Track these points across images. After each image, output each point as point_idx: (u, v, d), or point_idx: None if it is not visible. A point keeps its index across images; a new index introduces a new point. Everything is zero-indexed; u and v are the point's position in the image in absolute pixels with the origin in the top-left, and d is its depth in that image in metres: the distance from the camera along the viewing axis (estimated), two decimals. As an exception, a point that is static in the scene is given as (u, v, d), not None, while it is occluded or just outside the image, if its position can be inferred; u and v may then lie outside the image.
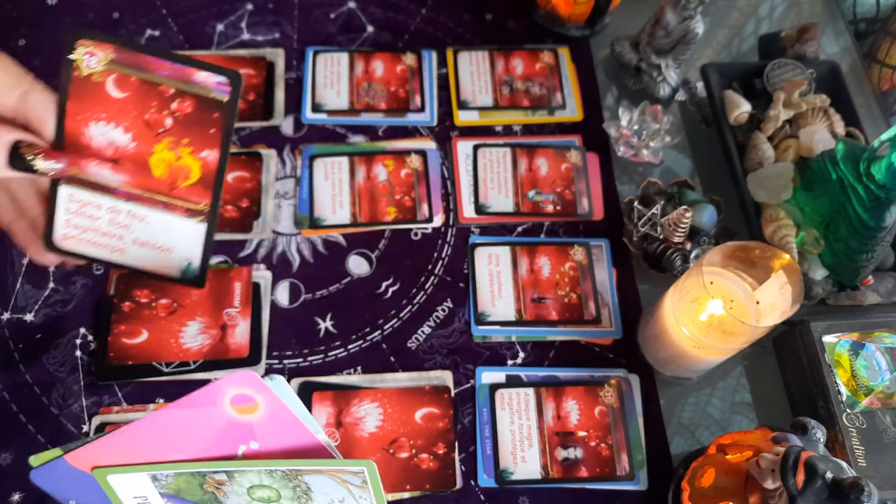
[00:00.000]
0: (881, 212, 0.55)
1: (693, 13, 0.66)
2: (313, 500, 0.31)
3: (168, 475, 0.31)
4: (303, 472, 0.30)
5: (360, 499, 0.31)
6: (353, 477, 0.30)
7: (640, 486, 0.55)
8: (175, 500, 0.32)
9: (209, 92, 0.29)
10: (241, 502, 0.32)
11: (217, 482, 0.31)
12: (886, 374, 0.55)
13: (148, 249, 0.32)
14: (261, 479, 0.31)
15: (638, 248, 0.63)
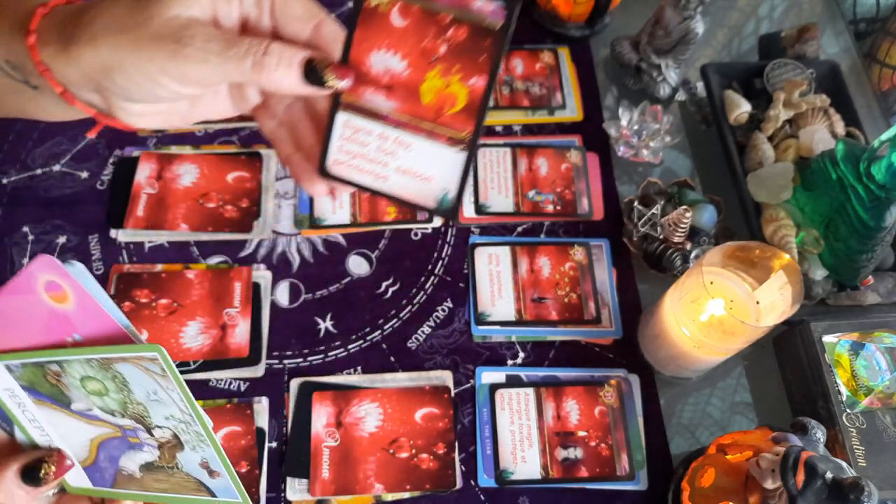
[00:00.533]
0: (881, 212, 0.55)
1: (693, 13, 0.66)
2: (133, 392, 0.33)
3: (17, 365, 0.34)
4: (111, 361, 0.32)
5: (167, 390, 0.32)
6: (153, 365, 0.31)
7: (640, 486, 0.55)
8: (34, 393, 0.35)
9: (484, 19, 0.30)
10: (81, 396, 0.34)
11: (55, 374, 0.33)
12: (886, 374, 0.55)
13: (409, 178, 0.33)
14: (85, 371, 0.33)
15: (638, 248, 0.63)
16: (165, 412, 0.34)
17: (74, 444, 0.37)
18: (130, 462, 0.36)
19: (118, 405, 0.34)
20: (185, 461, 0.35)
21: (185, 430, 0.34)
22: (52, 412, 0.35)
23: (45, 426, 0.37)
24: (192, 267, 0.61)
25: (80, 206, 0.64)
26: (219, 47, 0.30)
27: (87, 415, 0.35)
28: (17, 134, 0.67)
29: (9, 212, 0.63)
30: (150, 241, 0.63)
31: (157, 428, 0.35)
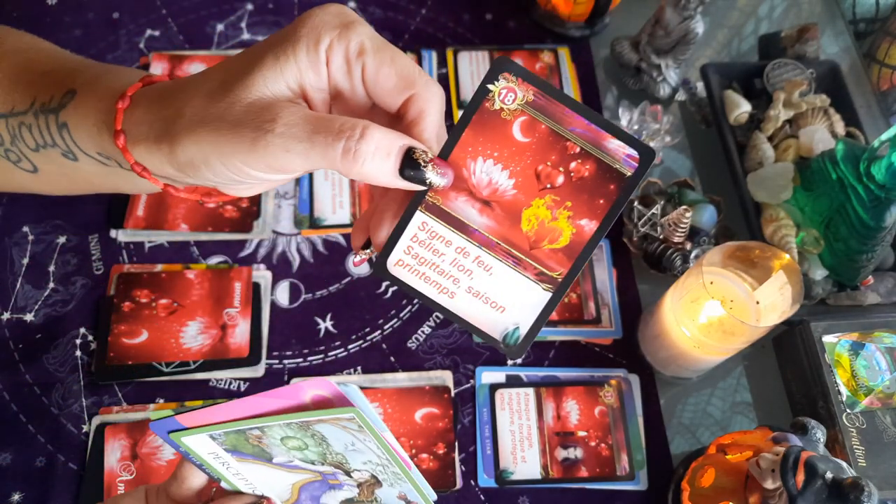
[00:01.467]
0: (881, 212, 0.55)
1: (693, 13, 0.66)
2: (332, 446, 0.33)
3: (220, 434, 0.33)
4: (310, 423, 0.31)
5: (365, 441, 0.32)
6: (350, 423, 0.31)
7: (640, 485, 0.55)
8: (237, 454, 0.35)
9: (615, 161, 0.28)
10: (282, 451, 0.34)
11: (256, 437, 0.33)
12: (886, 374, 0.55)
13: (480, 302, 0.30)
14: (284, 432, 0.32)
15: (638, 248, 0.63)
16: (363, 458, 0.33)
17: (277, 488, 0.37)
18: (332, 500, 0.37)
19: (317, 456, 0.34)
20: (383, 496, 0.36)
21: (382, 472, 0.33)
22: (255, 466, 0.35)
23: (249, 477, 0.37)
24: (192, 267, 0.61)
25: (80, 206, 0.64)
26: (304, 132, 0.27)
27: (288, 465, 0.35)
28: (17, 134, 0.67)
29: (9, 211, 0.63)
30: (150, 241, 0.63)
31: (355, 471, 0.34)
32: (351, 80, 0.29)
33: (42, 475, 0.53)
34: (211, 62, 0.72)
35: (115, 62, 0.72)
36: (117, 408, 0.55)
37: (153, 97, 0.30)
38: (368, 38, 0.28)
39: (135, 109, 0.30)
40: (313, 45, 0.28)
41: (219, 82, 0.29)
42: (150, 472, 0.53)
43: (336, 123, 0.27)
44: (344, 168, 0.27)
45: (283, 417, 0.31)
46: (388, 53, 0.29)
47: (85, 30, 0.73)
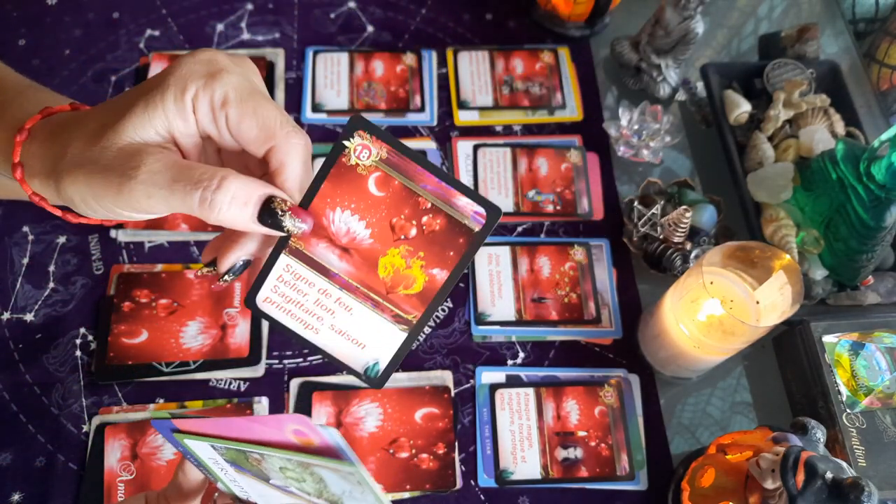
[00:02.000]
0: (881, 212, 0.55)
1: (693, 13, 0.66)
2: (329, 487, 0.32)
3: (220, 448, 0.34)
4: (311, 465, 0.31)
5: (364, 495, 0.31)
6: (350, 476, 0.30)
7: (640, 485, 0.55)
8: (236, 466, 0.35)
9: (463, 217, 0.29)
10: (279, 478, 0.33)
11: (256, 460, 0.33)
12: (886, 374, 0.55)
13: (342, 339, 0.33)
14: (284, 464, 0.32)
15: (638, 248, 0.63)
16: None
17: (272, 502, 0.37)
18: None
19: (314, 491, 0.34)
20: None
21: None
22: (253, 481, 0.35)
23: (246, 488, 0.37)
24: (192, 267, 0.61)
25: (80, 206, 0.64)
26: (165, 180, 0.28)
27: (285, 489, 0.35)
28: (16, 134, 0.67)
29: (9, 212, 0.63)
30: (150, 240, 0.63)
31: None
32: (217, 128, 0.31)
33: (42, 475, 0.53)
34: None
35: (115, 62, 0.72)
36: (117, 408, 0.55)
37: (47, 132, 0.32)
38: (233, 89, 0.30)
39: (32, 142, 0.32)
40: (180, 94, 0.30)
41: (98, 125, 0.30)
42: (150, 472, 0.53)
43: (196, 173, 0.28)
44: (202, 215, 0.28)
45: (286, 452, 0.31)
46: (251, 105, 0.30)
47: (85, 30, 0.73)
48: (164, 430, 0.34)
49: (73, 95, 0.69)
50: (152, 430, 0.54)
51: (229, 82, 0.30)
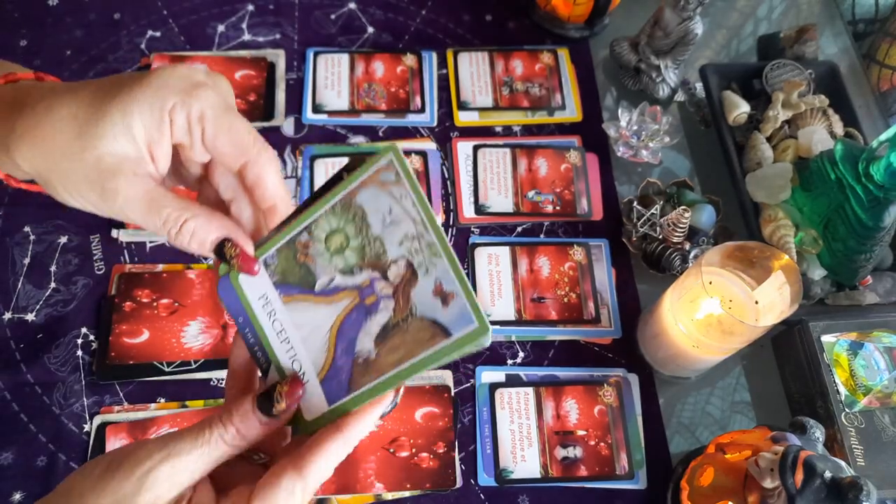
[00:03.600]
0: (880, 212, 0.55)
1: (692, 14, 0.66)
2: (371, 226, 0.32)
3: (273, 255, 0.34)
4: (353, 194, 0.32)
5: (401, 200, 0.31)
6: (387, 173, 0.31)
7: (640, 485, 0.55)
8: (285, 288, 0.34)
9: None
10: (325, 264, 0.33)
11: (304, 246, 0.33)
12: (885, 374, 0.56)
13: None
14: (330, 224, 0.33)
15: (637, 248, 0.63)
16: (400, 234, 0.31)
17: (315, 346, 0.33)
18: (367, 337, 0.32)
19: (357, 255, 0.32)
20: (419, 298, 0.31)
21: (418, 250, 0.31)
22: (298, 307, 0.34)
23: (290, 332, 0.34)
24: (194, 267, 0.62)
25: (81, 207, 0.64)
26: (139, 211, 0.32)
27: (329, 291, 0.33)
28: (18, 134, 0.67)
29: (10, 212, 0.63)
30: (152, 240, 0.63)
31: (392, 265, 0.31)
32: (192, 140, 0.33)
33: (43, 474, 0.53)
34: (211, 63, 0.72)
35: (116, 63, 0.72)
36: (118, 407, 0.56)
37: (9, 102, 0.34)
38: (210, 106, 0.32)
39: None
40: (157, 106, 0.31)
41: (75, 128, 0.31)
42: (151, 472, 0.53)
43: (164, 213, 0.32)
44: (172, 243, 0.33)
45: (330, 198, 0.32)
46: (226, 121, 0.32)
47: (86, 30, 0.74)
48: (224, 285, 0.35)
49: (75, 96, 0.70)
50: (154, 430, 0.54)
51: (207, 98, 0.32)
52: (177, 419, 0.55)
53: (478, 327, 0.29)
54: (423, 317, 0.30)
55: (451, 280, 0.30)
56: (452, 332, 0.29)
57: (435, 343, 0.30)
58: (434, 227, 0.30)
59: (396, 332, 0.31)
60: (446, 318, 0.30)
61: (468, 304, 0.29)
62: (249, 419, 0.31)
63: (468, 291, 0.29)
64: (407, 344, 0.31)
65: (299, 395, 0.33)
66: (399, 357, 0.31)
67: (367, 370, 0.32)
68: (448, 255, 0.30)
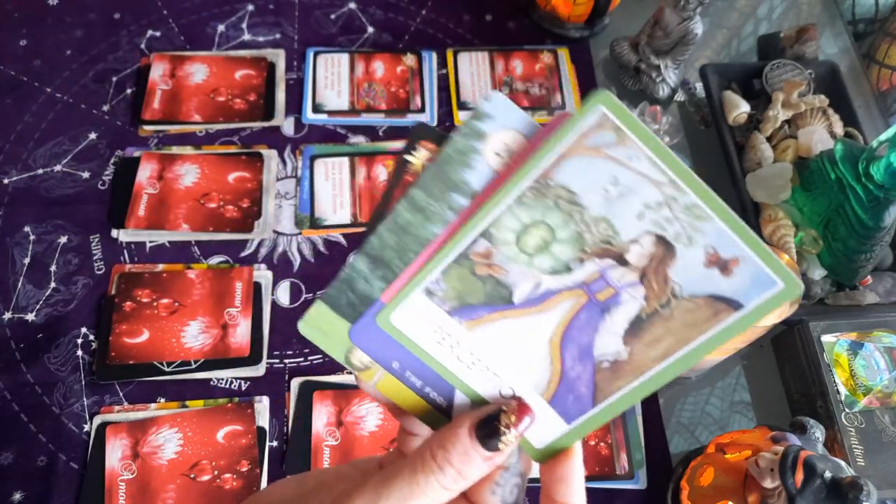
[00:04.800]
0: (880, 212, 0.55)
1: (692, 14, 0.66)
2: (586, 208, 0.24)
3: (437, 280, 0.26)
4: (547, 176, 0.24)
5: (630, 161, 0.23)
6: (599, 134, 0.23)
7: (640, 484, 0.55)
8: (466, 312, 0.26)
9: None
10: (522, 269, 0.25)
11: (484, 256, 0.26)
12: (885, 374, 0.56)
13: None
14: (519, 219, 0.25)
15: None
16: (637, 205, 0.24)
17: (531, 364, 0.27)
18: (610, 337, 0.25)
19: (572, 246, 0.25)
20: (682, 275, 0.24)
21: (670, 219, 0.24)
22: (493, 328, 0.26)
23: (490, 360, 0.27)
24: (194, 267, 0.62)
25: (81, 206, 0.64)
26: None
27: (536, 299, 0.26)
28: (18, 134, 0.67)
29: (10, 212, 0.63)
30: (152, 240, 0.63)
31: (632, 245, 0.24)
32: None
33: (43, 474, 0.53)
34: (212, 63, 0.72)
35: (116, 62, 0.72)
36: (118, 407, 0.56)
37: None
38: None
39: None
40: None
41: None
42: (152, 472, 0.53)
43: None
44: None
45: (511, 188, 0.24)
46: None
47: (86, 30, 0.74)
48: (366, 328, 0.27)
49: (75, 96, 0.70)
50: (154, 430, 0.54)
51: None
52: (176, 419, 0.55)
53: (784, 288, 0.23)
54: (693, 296, 0.24)
55: (733, 242, 0.23)
56: (745, 301, 0.24)
57: (720, 319, 0.24)
58: (693, 185, 0.23)
59: (655, 321, 0.25)
60: (732, 288, 0.24)
61: (764, 265, 0.23)
62: (470, 456, 0.25)
63: (762, 250, 0.23)
64: (675, 331, 0.25)
65: (528, 421, 0.26)
66: (666, 348, 0.25)
67: (619, 373, 0.26)
68: (722, 214, 0.23)
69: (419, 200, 0.26)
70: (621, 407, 0.26)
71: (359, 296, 0.27)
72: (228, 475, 0.53)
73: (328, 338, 0.28)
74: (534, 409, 0.26)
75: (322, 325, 0.27)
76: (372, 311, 0.27)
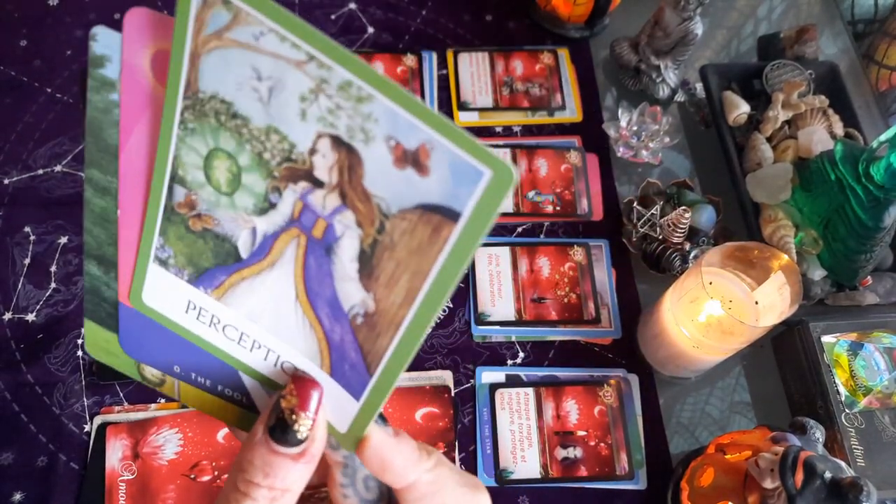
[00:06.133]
0: (880, 212, 0.55)
1: (692, 14, 0.66)
2: (248, 115, 0.20)
3: (161, 245, 0.23)
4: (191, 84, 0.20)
5: (261, 42, 0.19)
6: (216, 15, 0.19)
7: (640, 485, 0.55)
8: (207, 279, 0.23)
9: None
10: (232, 213, 0.22)
11: (188, 206, 0.22)
12: (885, 374, 0.56)
13: None
14: (194, 149, 0.21)
15: (637, 249, 0.63)
16: (294, 101, 0.19)
17: (292, 332, 0.23)
18: (348, 284, 0.21)
19: (259, 172, 0.20)
20: (379, 183, 0.19)
21: (333, 109, 0.19)
22: (238, 292, 0.23)
23: (253, 332, 0.23)
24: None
25: (81, 206, 0.64)
26: None
27: (260, 250, 0.22)
28: (18, 134, 0.67)
29: (10, 212, 0.63)
30: (151, 241, 0.63)
31: (314, 157, 0.20)
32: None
33: (43, 475, 0.53)
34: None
35: (116, 63, 0.72)
36: (119, 407, 0.56)
37: None
38: None
39: None
40: None
41: None
42: (152, 472, 0.53)
43: None
44: None
45: (168, 114, 0.20)
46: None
47: (86, 31, 0.74)
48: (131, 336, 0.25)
49: (75, 96, 0.70)
50: (154, 430, 0.54)
51: None
52: (177, 419, 0.55)
53: (493, 175, 0.19)
54: (402, 210, 0.19)
55: (409, 125, 0.18)
56: (458, 206, 0.19)
57: (442, 239, 0.19)
58: (335, 54, 0.18)
59: (381, 254, 0.20)
60: (436, 189, 0.19)
61: (459, 149, 0.18)
62: (274, 464, 0.21)
63: (449, 128, 0.18)
64: (406, 263, 0.20)
65: (317, 394, 0.22)
66: (407, 288, 0.20)
67: (376, 328, 0.21)
68: (383, 85, 0.18)
69: (99, 181, 0.23)
70: (397, 370, 0.21)
71: (111, 303, 0.24)
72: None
73: (116, 357, 0.25)
74: (321, 383, 0.23)
75: (101, 343, 0.25)
76: (125, 316, 0.24)
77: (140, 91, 0.21)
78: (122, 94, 0.21)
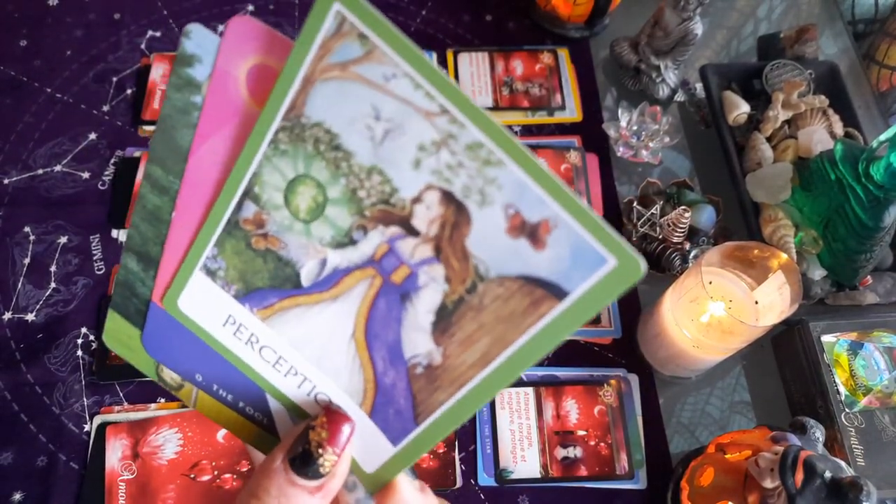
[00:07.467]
0: (880, 212, 0.55)
1: (692, 14, 0.66)
2: (354, 154, 0.19)
3: (214, 256, 0.22)
4: (295, 108, 0.19)
5: (391, 82, 0.18)
6: (346, 46, 0.18)
7: (640, 485, 0.55)
8: (256, 298, 0.22)
9: None
10: (303, 240, 0.21)
11: (256, 224, 0.21)
12: (885, 374, 0.56)
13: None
14: (279, 171, 0.20)
15: (637, 248, 0.63)
16: (410, 148, 0.18)
17: (340, 366, 0.22)
18: (418, 334, 0.21)
19: (348, 208, 0.20)
20: (484, 246, 0.19)
21: (453, 166, 0.18)
22: (288, 318, 0.22)
23: (294, 360, 0.23)
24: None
25: (81, 206, 0.64)
26: None
27: (325, 281, 0.21)
28: (18, 134, 0.67)
29: (10, 212, 0.63)
30: (151, 241, 0.63)
31: (417, 205, 0.19)
32: None
33: (43, 474, 0.53)
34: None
35: (116, 63, 0.72)
36: (118, 407, 0.56)
37: None
38: None
39: None
40: None
41: None
42: (152, 472, 0.53)
43: None
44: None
45: (260, 130, 0.20)
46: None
47: (86, 30, 0.74)
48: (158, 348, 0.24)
49: (75, 96, 0.70)
50: (154, 430, 0.54)
51: None
52: (177, 419, 0.55)
53: (617, 266, 0.17)
54: (501, 276, 0.19)
55: (538, 198, 0.17)
56: (568, 286, 0.17)
57: (541, 313, 0.18)
58: (473, 114, 0.17)
59: (463, 312, 0.19)
60: (548, 266, 0.18)
61: (586, 231, 0.17)
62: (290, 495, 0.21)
63: (578, 209, 0.17)
64: (490, 328, 0.19)
65: (348, 431, 0.22)
66: (483, 351, 0.19)
67: (436, 382, 0.21)
68: (518, 155, 0.17)
69: (159, 178, 0.23)
70: (448, 427, 0.21)
71: (142, 300, 0.24)
72: (228, 475, 0.53)
73: (134, 353, 0.25)
74: (355, 420, 0.22)
75: (122, 337, 0.24)
76: (154, 316, 0.23)
77: (228, 100, 0.21)
78: (208, 99, 0.21)
